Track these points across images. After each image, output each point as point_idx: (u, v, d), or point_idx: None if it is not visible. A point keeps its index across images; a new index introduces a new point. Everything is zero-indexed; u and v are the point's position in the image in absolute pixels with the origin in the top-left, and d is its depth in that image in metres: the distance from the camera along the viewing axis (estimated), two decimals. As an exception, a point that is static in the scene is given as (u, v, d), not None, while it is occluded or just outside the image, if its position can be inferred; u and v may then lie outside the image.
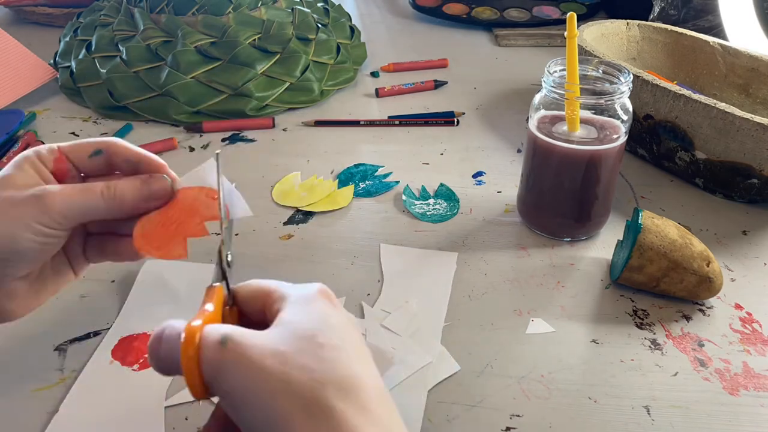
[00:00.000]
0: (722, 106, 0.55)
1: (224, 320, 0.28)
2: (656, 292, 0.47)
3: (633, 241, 0.46)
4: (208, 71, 0.74)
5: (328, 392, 0.23)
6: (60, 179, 0.33)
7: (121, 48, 0.76)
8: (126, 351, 0.42)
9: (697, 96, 0.57)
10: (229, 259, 0.30)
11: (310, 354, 0.24)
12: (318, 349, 0.24)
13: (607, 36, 0.74)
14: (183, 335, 0.24)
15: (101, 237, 0.36)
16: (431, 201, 0.59)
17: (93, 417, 0.38)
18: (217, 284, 0.28)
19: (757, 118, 0.53)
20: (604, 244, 0.53)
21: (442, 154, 0.68)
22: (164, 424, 0.38)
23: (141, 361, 0.42)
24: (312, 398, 0.23)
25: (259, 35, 0.78)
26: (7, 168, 0.32)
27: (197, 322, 0.25)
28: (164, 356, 0.25)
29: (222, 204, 0.32)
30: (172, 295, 0.47)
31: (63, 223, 0.31)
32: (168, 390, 0.40)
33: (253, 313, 0.28)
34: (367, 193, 0.60)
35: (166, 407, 0.39)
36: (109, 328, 0.44)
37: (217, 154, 0.32)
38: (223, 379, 0.23)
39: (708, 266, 0.45)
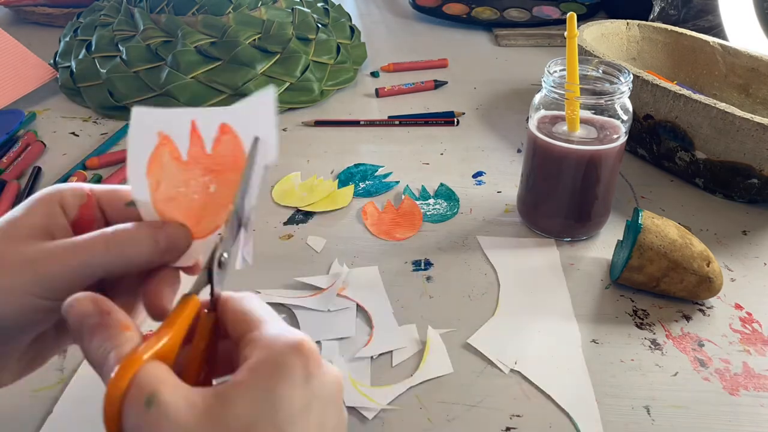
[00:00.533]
0: (722, 106, 0.55)
1: (197, 328, 0.25)
2: (656, 292, 0.47)
3: (633, 241, 0.46)
4: (208, 71, 0.74)
5: None
6: (81, 229, 0.28)
7: (121, 48, 0.76)
8: None
9: (697, 96, 0.57)
10: (223, 259, 0.26)
11: None
12: None
13: (607, 36, 0.74)
14: (114, 372, 0.21)
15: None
16: (431, 201, 0.59)
17: (87, 418, 0.38)
18: (195, 294, 0.25)
19: (757, 118, 0.53)
20: (604, 244, 0.53)
21: (442, 154, 0.68)
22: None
23: None
24: None
25: (259, 35, 0.78)
26: (19, 207, 0.27)
27: (141, 349, 0.22)
28: (103, 379, 0.22)
29: (238, 204, 0.27)
30: None
31: (62, 291, 0.25)
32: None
33: (232, 335, 0.25)
34: (367, 193, 0.60)
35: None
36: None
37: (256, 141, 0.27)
38: None
39: (708, 266, 0.45)
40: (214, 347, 0.26)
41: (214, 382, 0.27)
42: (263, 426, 0.21)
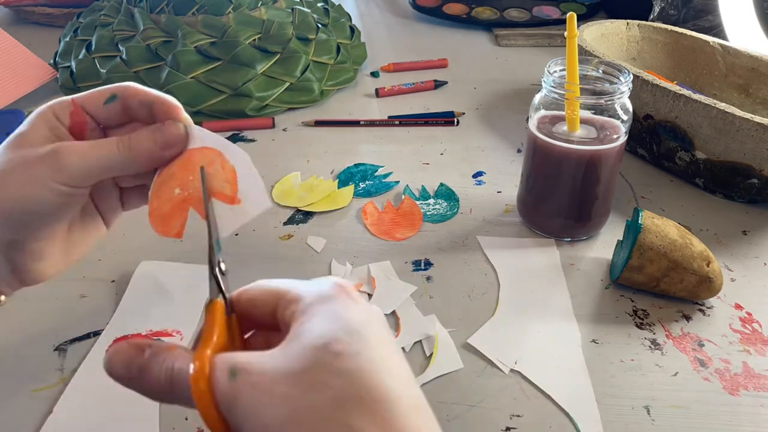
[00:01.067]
0: (722, 106, 0.55)
1: (228, 333, 0.26)
2: (656, 292, 0.47)
3: (633, 241, 0.46)
4: (208, 71, 0.74)
5: (346, 411, 0.20)
6: (78, 133, 0.32)
7: (121, 48, 0.76)
8: None
9: (697, 96, 0.57)
10: (223, 267, 0.28)
11: (326, 368, 0.21)
12: (334, 360, 0.21)
13: (607, 36, 0.74)
14: (192, 369, 0.22)
15: (136, 189, 0.35)
16: (431, 201, 0.59)
17: (87, 418, 0.38)
18: (217, 298, 0.26)
19: (757, 118, 0.53)
20: (604, 244, 0.53)
21: (442, 154, 0.68)
22: (159, 425, 0.38)
23: None
24: (330, 420, 0.20)
25: (259, 35, 0.78)
26: (22, 125, 0.31)
27: (202, 350, 0.23)
28: (178, 396, 0.23)
29: (208, 206, 0.30)
30: (167, 295, 0.47)
31: (80, 180, 0.30)
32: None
33: (262, 316, 0.26)
34: (367, 193, 0.60)
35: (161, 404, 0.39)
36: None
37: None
38: (236, 412, 0.22)
39: (708, 266, 0.45)
40: (245, 345, 0.27)
41: None
42: (338, 337, 0.22)
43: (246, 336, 0.28)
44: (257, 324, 0.27)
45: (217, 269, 0.27)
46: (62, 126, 0.32)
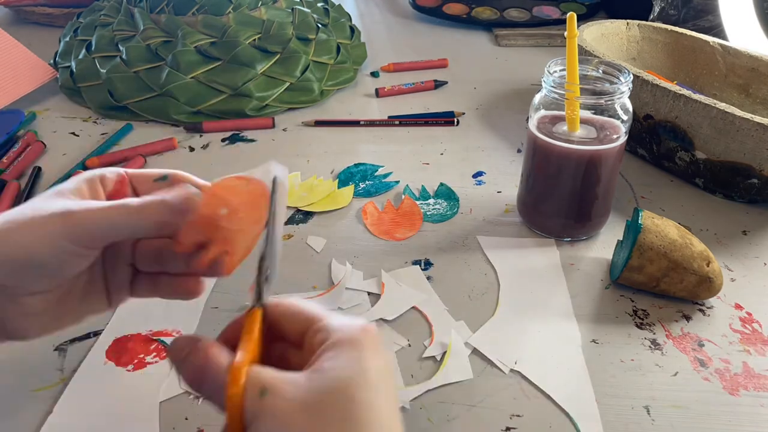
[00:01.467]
0: (722, 106, 0.55)
1: (260, 342, 0.28)
2: (656, 292, 0.47)
3: (633, 241, 0.46)
4: (208, 71, 0.74)
5: None
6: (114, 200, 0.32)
7: (121, 48, 0.76)
8: (120, 352, 0.42)
9: (697, 96, 0.57)
10: (269, 273, 0.29)
11: (341, 411, 0.24)
12: (349, 405, 0.24)
13: (607, 36, 0.74)
14: (228, 379, 0.24)
15: (153, 275, 0.34)
16: (431, 201, 0.59)
17: (87, 418, 0.38)
18: (257, 306, 0.28)
19: (757, 118, 0.53)
20: (604, 244, 0.53)
21: (442, 154, 0.68)
22: (159, 424, 0.38)
23: (135, 361, 0.42)
24: None
25: (259, 35, 0.78)
26: (68, 181, 0.32)
27: (240, 359, 0.25)
28: (207, 392, 0.26)
29: (272, 208, 0.31)
30: None
31: (87, 241, 0.29)
32: (163, 388, 0.40)
33: (290, 333, 0.28)
34: (367, 193, 0.60)
35: (162, 401, 0.39)
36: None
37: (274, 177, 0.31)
38: (257, 427, 0.24)
39: (708, 266, 0.45)
40: (268, 351, 0.29)
41: None
42: (357, 385, 0.24)
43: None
44: (281, 335, 0.29)
45: (264, 276, 0.29)
46: (102, 192, 0.32)
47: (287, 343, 0.28)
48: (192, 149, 0.68)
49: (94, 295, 0.34)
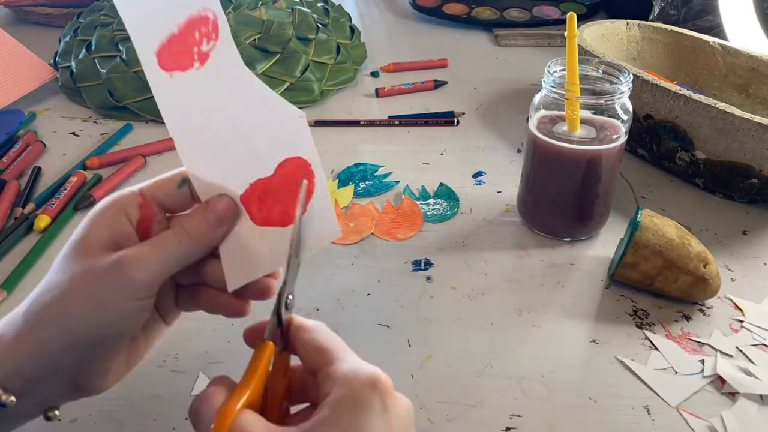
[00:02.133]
0: (722, 106, 0.55)
1: (274, 368, 0.27)
2: (651, 290, 0.47)
3: (629, 237, 0.46)
4: (208, 71, 0.73)
5: None
6: (144, 230, 0.30)
7: (121, 48, 0.76)
8: None
9: (697, 96, 0.57)
10: (290, 299, 0.28)
11: None
12: None
13: (607, 36, 0.74)
14: (214, 422, 0.24)
15: (192, 287, 0.34)
16: (431, 201, 0.59)
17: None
18: (269, 341, 0.27)
19: (757, 118, 0.53)
20: (604, 243, 0.53)
21: (442, 154, 0.68)
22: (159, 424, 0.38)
23: None
24: None
25: (259, 35, 0.78)
26: (84, 224, 0.29)
27: (231, 402, 0.24)
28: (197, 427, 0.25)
29: (296, 232, 0.30)
30: None
31: (150, 289, 0.28)
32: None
33: (307, 365, 0.27)
34: (367, 193, 0.60)
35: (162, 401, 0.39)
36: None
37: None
38: None
39: (705, 267, 0.45)
40: (288, 379, 0.29)
41: (293, 409, 0.29)
42: None
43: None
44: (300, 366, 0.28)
45: (284, 304, 0.28)
46: (129, 223, 0.30)
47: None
48: (192, 149, 0.68)
49: (154, 324, 0.33)
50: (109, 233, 0.29)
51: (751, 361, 0.42)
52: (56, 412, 0.29)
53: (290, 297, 0.28)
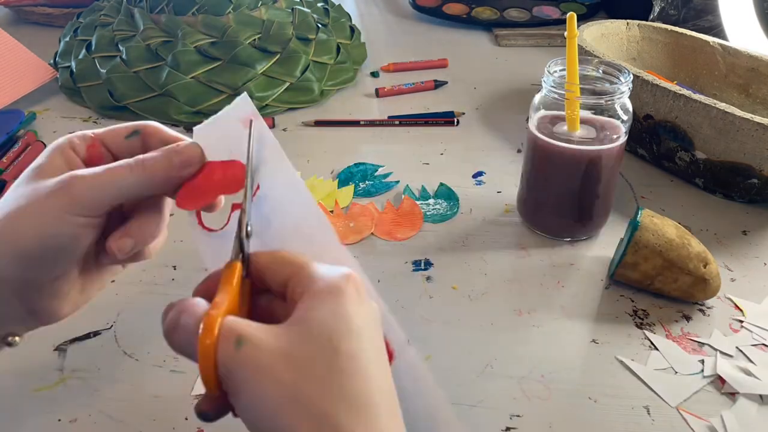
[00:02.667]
0: (722, 106, 0.55)
1: (240, 295, 0.27)
2: (651, 290, 0.47)
3: (629, 237, 0.46)
4: (208, 71, 0.74)
5: (337, 409, 0.22)
6: (92, 166, 0.31)
7: (121, 48, 0.76)
8: None
9: (697, 96, 0.57)
10: (249, 229, 0.29)
11: (325, 362, 0.23)
12: (333, 357, 0.23)
13: (607, 36, 0.74)
14: (201, 327, 0.23)
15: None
16: (431, 201, 0.59)
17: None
18: (236, 260, 0.27)
19: (757, 118, 0.53)
20: (604, 243, 0.53)
21: (442, 154, 0.68)
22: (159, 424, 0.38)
23: None
24: (320, 414, 0.22)
25: (259, 35, 0.78)
26: (38, 158, 0.31)
27: (215, 311, 0.24)
28: (180, 344, 0.25)
29: (249, 171, 0.30)
30: None
31: (95, 208, 0.29)
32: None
33: (274, 283, 0.27)
34: (367, 193, 0.60)
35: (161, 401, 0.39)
36: (109, 328, 0.44)
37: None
38: (234, 379, 0.23)
39: (705, 267, 0.45)
40: (251, 308, 0.28)
41: None
42: (340, 334, 0.24)
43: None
44: (265, 287, 0.28)
45: (244, 232, 0.28)
46: (78, 158, 0.31)
47: (273, 295, 0.28)
48: (192, 149, 0.68)
49: (106, 257, 0.33)
50: (62, 163, 0.31)
51: (751, 361, 0.42)
52: (16, 338, 0.31)
53: (249, 227, 0.29)
